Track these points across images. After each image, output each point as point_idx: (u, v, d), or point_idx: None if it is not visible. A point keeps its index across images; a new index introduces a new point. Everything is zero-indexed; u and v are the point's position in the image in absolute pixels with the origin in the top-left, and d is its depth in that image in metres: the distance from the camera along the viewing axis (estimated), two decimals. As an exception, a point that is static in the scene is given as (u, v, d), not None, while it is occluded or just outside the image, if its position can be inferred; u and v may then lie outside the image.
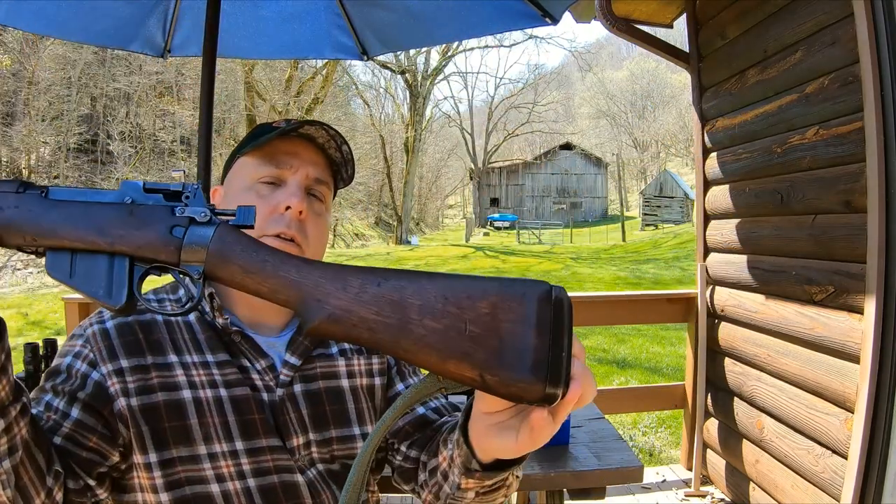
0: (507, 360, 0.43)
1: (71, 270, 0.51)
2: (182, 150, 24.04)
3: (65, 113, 20.90)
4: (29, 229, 0.50)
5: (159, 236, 0.51)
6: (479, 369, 0.44)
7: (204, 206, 0.52)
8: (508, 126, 42.91)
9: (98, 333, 0.77)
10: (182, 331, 0.81)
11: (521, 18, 2.08)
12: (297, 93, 21.25)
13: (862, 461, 1.71)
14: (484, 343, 0.44)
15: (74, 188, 0.53)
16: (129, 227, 0.51)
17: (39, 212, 0.50)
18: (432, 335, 0.45)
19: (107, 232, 0.50)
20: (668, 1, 2.85)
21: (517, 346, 0.43)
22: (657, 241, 18.83)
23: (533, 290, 0.44)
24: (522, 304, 0.44)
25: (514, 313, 0.44)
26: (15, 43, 18.83)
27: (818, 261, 2.06)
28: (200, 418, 0.75)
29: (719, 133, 2.68)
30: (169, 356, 0.78)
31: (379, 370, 0.92)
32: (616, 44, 54.34)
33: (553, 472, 1.48)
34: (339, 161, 0.88)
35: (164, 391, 0.75)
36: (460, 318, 0.44)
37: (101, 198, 0.52)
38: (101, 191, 0.53)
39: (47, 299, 10.00)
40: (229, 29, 2.26)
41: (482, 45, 30.63)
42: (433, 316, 0.45)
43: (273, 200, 0.81)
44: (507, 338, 0.44)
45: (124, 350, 0.76)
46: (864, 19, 1.70)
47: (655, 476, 2.96)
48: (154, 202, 0.52)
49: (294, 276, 0.49)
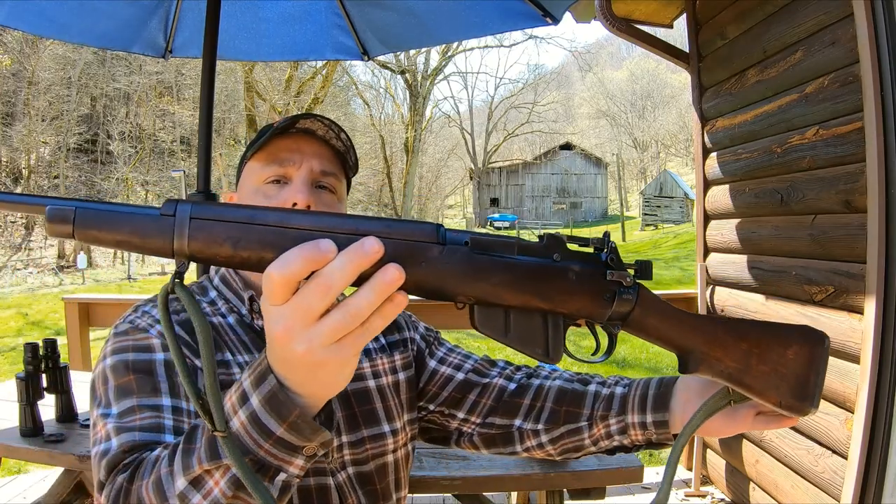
0: (797, 390, 0.62)
1: (506, 328, 0.54)
2: (182, 150, 24.04)
3: (65, 113, 20.90)
4: (465, 289, 0.51)
5: (595, 300, 0.56)
6: (781, 397, 0.62)
7: (623, 267, 0.58)
8: (508, 126, 42.91)
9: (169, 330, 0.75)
10: (228, 332, 0.81)
11: (522, 18, 2.08)
12: (297, 93, 21.24)
13: (862, 461, 1.71)
14: (787, 378, 0.62)
15: (492, 236, 0.53)
16: (569, 292, 0.55)
17: (472, 271, 0.51)
18: (763, 375, 0.62)
19: (548, 297, 0.54)
20: (668, 1, 2.85)
21: (802, 380, 0.62)
22: (657, 241, 18.82)
23: (818, 338, 0.63)
24: (813, 347, 0.62)
25: (805, 357, 0.62)
26: (15, 43, 18.83)
27: (818, 261, 2.06)
28: None
29: (719, 133, 2.68)
30: (226, 354, 0.78)
31: (402, 365, 0.94)
32: (616, 44, 54.34)
33: (553, 472, 1.48)
34: (343, 150, 0.88)
35: (228, 389, 0.75)
36: (779, 363, 0.62)
37: (518, 261, 0.53)
38: (504, 240, 0.54)
39: (47, 299, 10.00)
40: (230, 30, 2.26)
41: (482, 45, 30.68)
42: (764, 362, 0.62)
43: (279, 199, 0.81)
44: (800, 373, 0.62)
45: (198, 346, 0.75)
46: (864, 19, 1.70)
47: (655, 476, 2.96)
48: (580, 266, 0.56)
49: (690, 325, 0.62)
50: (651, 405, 0.80)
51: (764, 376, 0.62)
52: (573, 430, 0.87)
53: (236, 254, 0.47)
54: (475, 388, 0.94)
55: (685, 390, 0.78)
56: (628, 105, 48.93)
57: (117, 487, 0.57)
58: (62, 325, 4.23)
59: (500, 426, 0.92)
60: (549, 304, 0.54)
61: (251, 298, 0.83)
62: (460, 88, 59.19)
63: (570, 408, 0.87)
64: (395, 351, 0.94)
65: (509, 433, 0.91)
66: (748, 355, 0.62)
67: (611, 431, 0.84)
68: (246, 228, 0.46)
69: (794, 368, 0.62)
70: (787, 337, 0.62)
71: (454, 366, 0.96)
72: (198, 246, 0.46)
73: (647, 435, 0.81)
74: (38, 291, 11.92)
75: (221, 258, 0.47)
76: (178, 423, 0.67)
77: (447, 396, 0.94)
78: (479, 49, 31.91)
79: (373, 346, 0.93)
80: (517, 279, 0.52)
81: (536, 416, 0.89)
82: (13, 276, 15.01)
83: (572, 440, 0.87)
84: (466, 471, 1.56)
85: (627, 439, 0.83)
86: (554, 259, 0.55)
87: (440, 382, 0.95)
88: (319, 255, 0.42)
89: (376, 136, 29.86)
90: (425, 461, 1.61)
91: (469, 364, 0.97)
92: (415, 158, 27.70)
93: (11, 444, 1.66)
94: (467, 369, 0.96)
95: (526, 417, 0.90)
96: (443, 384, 0.95)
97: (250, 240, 0.46)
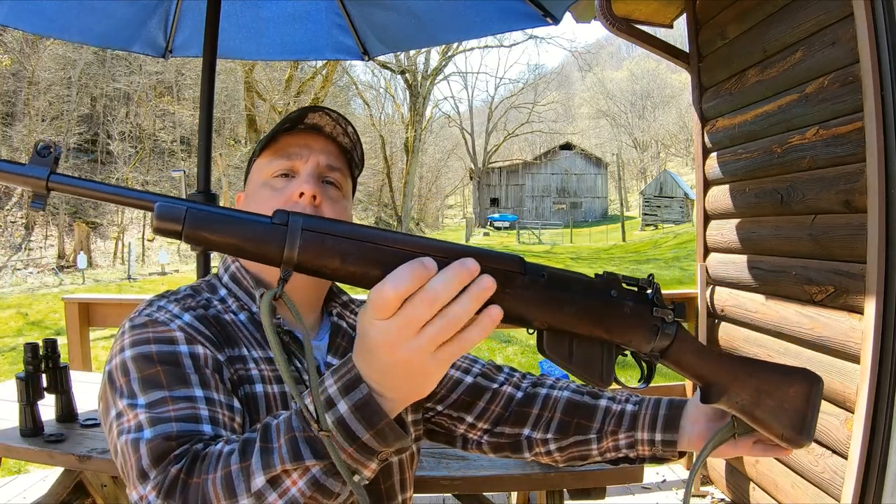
0: (796, 424, 0.70)
1: (570, 354, 0.60)
2: (182, 150, 24.03)
3: (65, 113, 20.90)
4: (541, 316, 0.57)
5: (643, 333, 0.63)
6: (783, 429, 0.70)
7: (665, 306, 0.65)
8: (508, 126, 42.89)
9: (188, 325, 0.74)
10: (242, 328, 0.81)
11: (523, 18, 2.08)
12: (297, 93, 21.24)
13: (862, 461, 1.71)
14: (790, 413, 0.70)
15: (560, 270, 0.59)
16: (624, 325, 0.62)
17: (548, 301, 0.57)
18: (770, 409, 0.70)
19: (608, 328, 0.61)
20: (668, 1, 2.85)
21: (801, 415, 0.70)
22: (657, 241, 18.82)
23: (816, 379, 0.72)
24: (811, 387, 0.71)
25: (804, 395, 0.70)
26: (15, 43, 18.83)
27: (818, 261, 2.06)
28: (269, 413, 0.75)
29: (719, 133, 2.68)
30: (242, 349, 0.78)
31: None
32: (616, 44, 54.36)
33: (553, 473, 1.48)
34: (349, 146, 0.89)
35: (246, 384, 0.76)
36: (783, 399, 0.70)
37: (585, 295, 0.59)
38: (573, 275, 0.60)
39: (47, 299, 10.00)
40: (230, 30, 2.26)
41: (482, 45, 30.67)
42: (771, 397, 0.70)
43: (287, 191, 0.82)
44: (799, 409, 0.70)
45: (217, 340, 0.75)
46: (864, 19, 1.70)
47: (655, 476, 2.96)
48: (633, 302, 0.63)
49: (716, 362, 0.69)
50: (661, 425, 0.86)
51: (770, 410, 0.70)
52: (582, 441, 0.91)
53: (343, 267, 0.51)
54: (485, 394, 0.96)
55: (695, 414, 0.85)
56: (628, 105, 48.95)
57: (171, 478, 0.57)
58: (62, 325, 4.24)
59: (509, 435, 0.94)
60: (608, 334, 0.61)
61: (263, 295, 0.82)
62: (460, 88, 59.29)
63: (580, 420, 0.91)
64: None
65: (518, 441, 0.94)
66: (758, 391, 0.70)
67: (619, 445, 0.89)
68: (356, 245, 0.51)
69: (794, 404, 0.70)
70: (791, 376, 0.71)
71: (462, 369, 0.97)
72: (307, 257, 0.50)
73: (653, 451, 0.87)
74: (38, 291, 11.91)
75: (328, 270, 0.51)
76: (213, 414, 0.66)
77: (456, 399, 0.95)
78: (479, 49, 31.96)
79: None
80: (585, 311, 0.59)
81: (546, 425, 0.93)
82: (13, 276, 15.01)
83: (580, 450, 0.91)
84: (466, 471, 1.56)
85: (634, 453, 0.89)
86: (612, 295, 0.62)
87: (449, 385, 0.96)
88: (426, 272, 0.47)
89: (376, 136, 29.86)
90: (425, 461, 1.60)
91: (477, 368, 0.98)
92: (415, 158, 27.70)
93: (11, 444, 1.66)
94: (475, 373, 0.97)
95: (535, 427, 0.93)
96: (452, 387, 0.96)
97: (358, 255, 0.50)
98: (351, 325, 0.92)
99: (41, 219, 19.08)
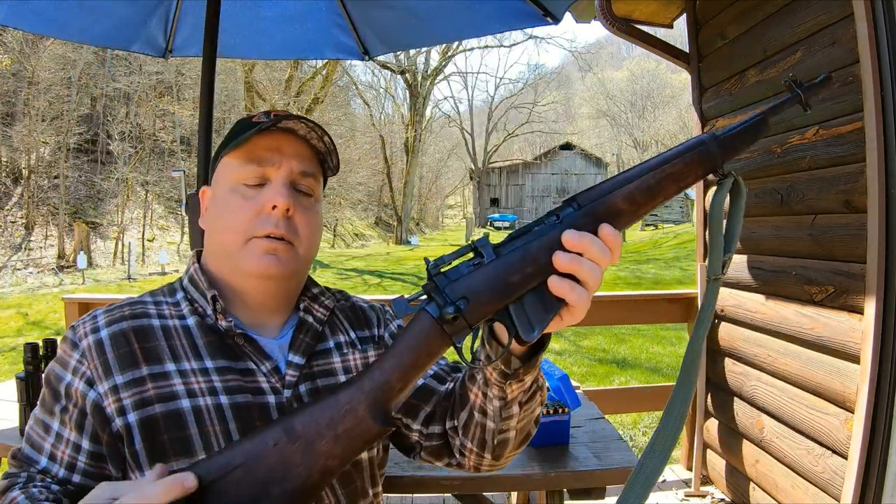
0: None
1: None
2: (182, 150, 24.02)
3: (65, 113, 20.88)
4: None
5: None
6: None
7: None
8: (508, 126, 42.87)
9: (93, 347, 0.76)
10: (180, 336, 0.79)
11: (523, 18, 2.08)
12: (297, 93, 21.23)
13: (862, 461, 1.71)
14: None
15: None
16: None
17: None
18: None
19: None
20: (668, 1, 2.85)
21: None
22: (657, 241, 18.80)
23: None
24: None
25: None
26: (15, 43, 18.82)
27: (818, 261, 2.06)
28: (200, 427, 0.74)
29: (719, 133, 2.68)
30: (166, 364, 0.76)
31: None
32: (616, 44, 54.31)
33: (553, 472, 1.48)
34: (324, 151, 0.86)
35: (161, 402, 0.74)
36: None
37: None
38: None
39: (47, 299, 10.00)
40: (230, 29, 2.26)
41: (482, 45, 30.55)
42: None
43: (258, 201, 0.79)
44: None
45: (119, 364, 0.75)
46: (864, 19, 1.70)
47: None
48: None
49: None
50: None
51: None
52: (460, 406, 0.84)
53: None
54: (432, 398, 0.90)
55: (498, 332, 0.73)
56: (628, 105, 48.92)
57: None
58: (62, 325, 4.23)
59: (439, 435, 0.89)
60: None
61: (214, 298, 0.81)
62: (460, 88, 59.24)
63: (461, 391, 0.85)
64: (367, 347, 0.92)
65: (447, 441, 0.89)
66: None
67: (477, 382, 0.79)
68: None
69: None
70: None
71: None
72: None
73: (490, 358, 0.73)
74: (38, 291, 11.92)
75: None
76: (54, 450, 0.74)
77: (404, 402, 0.89)
78: (479, 49, 31.79)
79: (344, 341, 0.91)
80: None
81: (450, 415, 0.88)
82: (13, 276, 15.02)
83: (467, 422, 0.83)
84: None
85: (481, 375, 0.78)
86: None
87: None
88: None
89: (376, 136, 29.81)
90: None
91: (433, 370, 0.93)
92: (415, 158, 27.67)
93: (11, 445, 1.65)
94: (428, 374, 0.92)
95: (450, 419, 0.88)
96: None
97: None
98: (318, 318, 0.89)
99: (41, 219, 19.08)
